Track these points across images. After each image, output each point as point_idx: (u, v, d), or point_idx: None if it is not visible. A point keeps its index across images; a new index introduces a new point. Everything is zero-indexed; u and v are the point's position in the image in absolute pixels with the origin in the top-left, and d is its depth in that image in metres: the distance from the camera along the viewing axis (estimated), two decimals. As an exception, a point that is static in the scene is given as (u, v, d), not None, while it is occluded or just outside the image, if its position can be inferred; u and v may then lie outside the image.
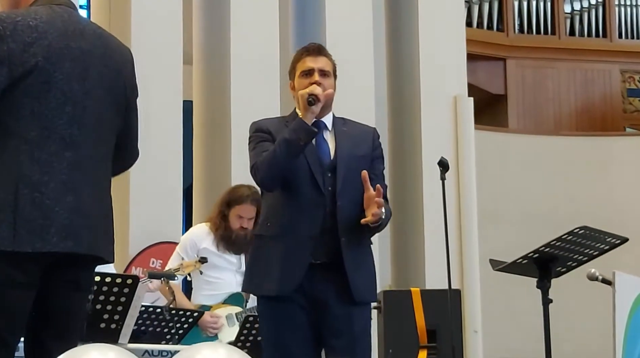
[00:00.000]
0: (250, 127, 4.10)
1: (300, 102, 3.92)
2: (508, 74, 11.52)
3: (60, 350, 2.61)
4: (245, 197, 5.74)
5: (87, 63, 3.09)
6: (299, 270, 3.84)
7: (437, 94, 8.87)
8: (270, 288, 3.86)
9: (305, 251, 3.85)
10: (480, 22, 11.42)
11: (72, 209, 2.98)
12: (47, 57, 3.00)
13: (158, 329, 5.05)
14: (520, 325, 9.19)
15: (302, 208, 3.89)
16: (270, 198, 3.99)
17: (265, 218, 4.00)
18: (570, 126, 11.56)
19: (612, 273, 4.23)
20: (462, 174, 8.76)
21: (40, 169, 2.95)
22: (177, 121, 7.66)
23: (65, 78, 3.02)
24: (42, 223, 2.92)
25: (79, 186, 3.02)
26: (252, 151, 4.00)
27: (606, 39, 11.88)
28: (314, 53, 4.04)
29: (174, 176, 7.59)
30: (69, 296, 3.07)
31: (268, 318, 3.91)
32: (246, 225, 5.72)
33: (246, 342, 5.23)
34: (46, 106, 2.99)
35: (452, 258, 5.43)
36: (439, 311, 5.99)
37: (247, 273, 4.03)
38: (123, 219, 7.36)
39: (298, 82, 4.01)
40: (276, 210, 3.95)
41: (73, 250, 2.98)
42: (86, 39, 3.11)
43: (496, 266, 4.42)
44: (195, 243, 5.74)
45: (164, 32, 7.67)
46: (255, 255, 3.98)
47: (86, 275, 3.16)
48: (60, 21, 3.08)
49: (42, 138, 2.97)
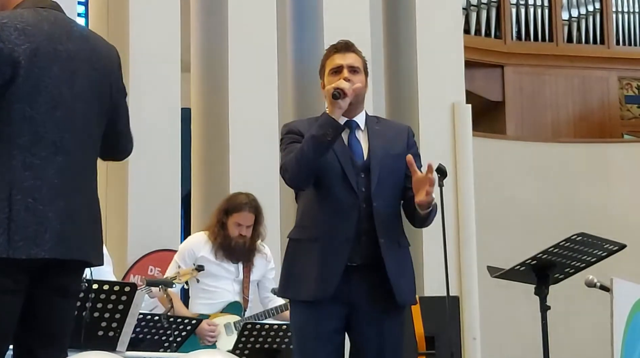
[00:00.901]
0: (281, 129, 4.01)
1: (326, 97, 3.81)
2: (506, 81, 11.53)
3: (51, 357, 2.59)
4: (243, 205, 5.74)
5: (75, 66, 3.06)
6: (336, 273, 3.75)
7: (435, 101, 8.88)
8: (307, 294, 3.76)
9: (341, 254, 3.76)
10: (478, 30, 11.43)
11: (64, 215, 2.96)
12: (35, 61, 2.97)
13: (156, 337, 5.05)
14: (518, 332, 9.19)
15: (336, 210, 3.80)
16: (303, 201, 3.90)
17: (299, 221, 3.90)
18: (568, 133, 11.56)
19: (610, 279, 4.24)
20: (461, 181, 8.77)
21: (32, 174, 2.93)
22: (175, 129, 7.66)
23: (54, 82, 3.00)
24: (36, 229, 2.90)
25: (70, 191, 3.00)
26: (283, 151, 3.91)
27: (604, 45, 11.90)
28: (343, 50, 3.98)
29: (172, 183, 7.59)
30: (57, 304, 3.04)
31: (300, 323, 3.81)
32: (244, 232, 5.72)
33: (244, 350, 5.23)
34: (37, 110, 2.96)
35: (450, 265, 5.42)
36: (437, 318, 5.98)
37: (282, 278, 3.89)
38: (121, 227, 7.36)
39: (327, 81, 3.92)
40: (310, 213, 3.86)
41: (65, 256, 2.96)
42: (73, 42, 3.08)
43: (494, 273, 4.42)
44: (193, 251, 5.74)
45: (161, 40, 7.67)
46: (291, 259, 3.87)
47: (74, 280, 3.13)
48: (46, 24, 3.05)
49: (34, 142, 2.95)
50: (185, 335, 5.17)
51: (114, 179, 7.48)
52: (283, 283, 3.88)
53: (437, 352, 6.14)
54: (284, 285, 3.88)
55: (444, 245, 5.10)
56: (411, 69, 9.00)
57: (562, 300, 5.24)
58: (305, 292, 3.77)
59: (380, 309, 3.80)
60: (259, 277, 5.84)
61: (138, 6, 7.63)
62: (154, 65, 7.54)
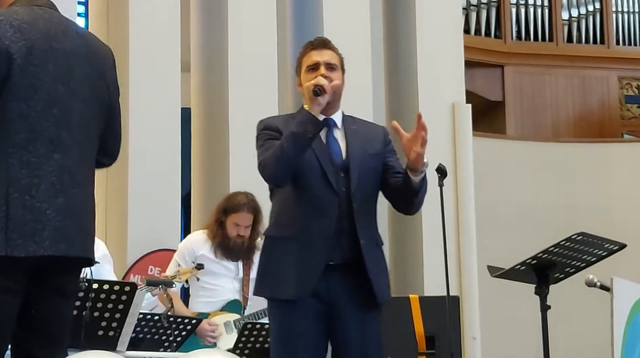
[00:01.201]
0: (257, 125, 3.96)
1: (305, 94, 3.79)
2: (506, 81, 11.53)
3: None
4: (242, 205, 5.74)
5: (70, 64, 3.06)
6: (315, 272, 3.73)
7: (435, 101, 8.88)
8: (286, 292, 3.74)
9: (320, 253, 3.75)
10: (478, 30, 11.43)
11: (63, 212, 2.96)
12: (31, 59, 2.97)
13: (156, 336, 5.05)
14: (518, 332, 9.18)
15: (315, 209, 3.78)
16: (280, 199, 3.87)
17: (276, 219, 3.87)
18: (569, 133, 11.56)
19: (610, 279, 4.24)
20: (461, 181, 8.77)
21: (29, 172, 2.92)
22: (175, 129, 7.66)
23: (51, 80, 3.00)
24: (34, 227, 2.89)
25: (68, 188, 2.99)
26: (260, 148, 3.87)
27: (604, 45, 11.89)
28: (319, 47, 3.95)
29: (172, 183, 7.58)
30: (55, 304, 3.03)
31: (280, 322, 3.79)
32: (243, 232, 5.73)
33: (244, 349, 5.23)
34: (33, 108, 2.96)
35: (450, 265, 5.43)
36: (437, 318, 5.98)
37: (259, 276, 3.88)
38: (121, 227, 7.36)
39: (304, 78, 3.90)
40: (288, 211, 3.83)
41: (66, 253, 2.95)
42: (69, 40, 3.08)
43: (494, 272, 4.43)
44: (193, 250, 5.74)
45: (161, 40, 7.67)
46: (267, 257, 3.86)
47: (73, 279, 3.12)
48: (41, 22, 3.05)
49: (30, 140, 2.95)
50: (185, 334, 5.17)
51: (114, 179, 7.48)
52: (259, 281, 3.86)
53: (437, 351, 6.13)
54: (260, 283, 3.85)
55: (444, 245, 5.11)
56: (411, 69, 9.00)
57: (562, 300, 5.23)
58: (284, 290, 3.75)
59: (361, 307, 3.81)
60: None
61: (138, 6, 7.63)
62: (154, 65, 7.54)
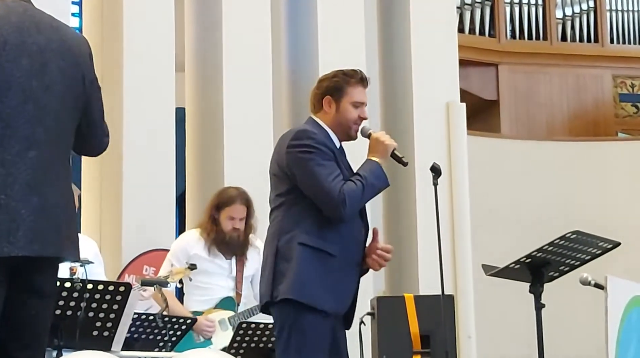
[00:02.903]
0: (303, 133, 4.01)
1: (383, 149, 4.04)
2: (500, 79, 11.53)
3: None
4: (234, 197, 5.74)
5: (45, 58, 3.00)
6: (350, 293, 4.00)
7: (429, 100, 8.88)
8: (327, 305, 3.89)
9: (354, 276, 4.01)
10: (472, 28, 11.42)
11: (38, 211, 2.91)
12: (4, 54, 2.92)
13: (151, 336, 5.05)
14: (513, 330, 9.19)
15: (352, 234, 4.00)
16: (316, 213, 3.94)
17: (310, 229, 3.93)
18: (563, 132, 11.57)
19: (605, 277, 4.24)
20: (455, 180, 8.77)
21: (4, 170, 2.88)
22: (169, 128, 7.65)
23: (24, 75, 2.95)
24: (8, 226, 2.85)
25: (43, 187, 2.94)
26: (320, 167, 3.93)
27: (598, 44, 11.90)
28: (366, 85, 4.14)
29: (167, 183, 7.58)
30: (33, 305, 2.98)
31: (313, 330, 3.88)
32: (238, 225, 5.72)
33: (239, 349, 5.23)
34: (7, 104, 2.91)
35: (445, 264, 5.42)
36: (432, 317, 5.98)
37: (297, 281, 3.89)
38: (116, 227, 7.35)
39: (346, 108, 4.06)
40: (331, 227, 3.94)
41: (39, 253, 2.90)
42: (42, 34, 3.03)
43: (489, 271, 4.43)
44: (186, 249, 5.74)
45: (156, 40, 7.66)
46: (306, 265, 3.90)
47: (49, 279, 3.07)
48: (14, 16, 3.00)
49: (5, 137, 2.90)
50: (180, 334, 5.17)
51: (109, 179, 7.48)
52: (298, 286, 3.89)
53: (432, 350, 6.13)
54: (299, 288, 3.88)
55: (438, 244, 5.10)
56: (405, 68, 9.00)
57: (556, 298, 5.24)
58: (324, 302, 3.89)
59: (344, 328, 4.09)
60: (253, 272, 5.81)
61: (132, 6, 7.62)
62: (149, 65, 7.53)
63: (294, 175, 3.96)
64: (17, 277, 2.94)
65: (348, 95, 4.07)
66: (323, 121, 4.08)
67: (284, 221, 3.98)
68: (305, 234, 3.92)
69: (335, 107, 4.07)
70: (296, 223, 3.95)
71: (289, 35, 8.76)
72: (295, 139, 3.98)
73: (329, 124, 4.06)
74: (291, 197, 3.99)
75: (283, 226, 3.97)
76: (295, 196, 3.98)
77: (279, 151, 4.07)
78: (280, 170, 4.04)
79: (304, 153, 3.94)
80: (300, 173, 3.93)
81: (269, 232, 4.09)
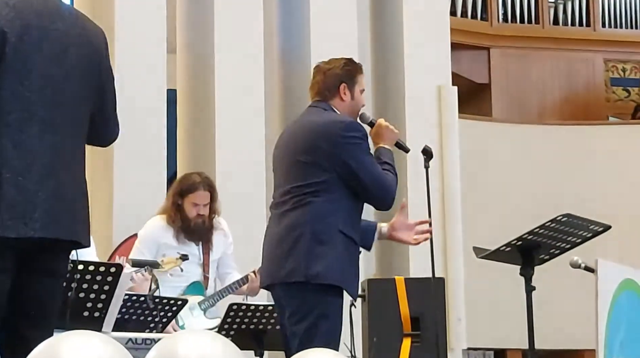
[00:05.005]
0: (353, 125, 4.15)
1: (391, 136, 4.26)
2: (492, 63, 11.53)
3: (37, 338, 2.58)
4: (197, 183, 5.70)
5: (64, 44, 3.05)
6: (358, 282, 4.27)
7: (421, 84, 8.87)
8: (353, 290, 4.11)
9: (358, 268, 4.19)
10: (465, 12, 11.41)
11: (54, 194, 2.95)
12: (26, 38, 2.96)
13: (142, 317, 5.05)
14: (503, 313, 9.22)
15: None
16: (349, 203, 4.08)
17: (351, 220, 4.10)
18: (554, 115, 11.58)
19: (595, 260, 4.25)
20: (446, 163, 8.77)
21: (22, 153, 2.91)
22: (161, 110, 7.64)
23: (44, 60, 2.99)
24: (25, 208, 2.89)
25: (59, 170, 2.98)
26: (371, 157, 4.14)
27: (589, 28, 11.90)
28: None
29: (158, 165, 7.57)
30: (44, 284, 3.03)
31: (339, 313, 4.06)
32: (202, 211, 5.68)
33: (230, 331, 5.23)
34: (27, 88, 2.95)
35: (436, 247, 5.44)
36: (423, 299, 6.00)
37: (337, 268, 4.01)
38: (107, 208, 7.35)
39: (359, 95, 4.27)
40: (357, 218, 4.14)
41: (55, 235, 2.95)
42: (63, 20, 3.07)
43: (480, 253, 4.44)
44: (155, 238, 5.69)
45: (147, 21, 7.63)
46: (346, 253, 4.05)
47: (62, 261, 3.12)
48: (36, 2, 3.04)
49: (23, 120, 2.93)
50: (171, 315, 5.17)
51: (100, 161, 7.46)
52: (339, 272, 4.00)
53: (422, 332, 6.16)
54: (340, 274, 4.01)
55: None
56: (397, 51, 8.99)
57: (547, 281, 5.26)
58: (353, 288, 4.10)
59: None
60: (219, 255, 5.79)
61: (123, -13, 7.59)
62: (140, 46, 7.51)
63: (346, 165, 4.04)
64: (32, 258, 2.98)
65: (359, 83, 4.26)
66: (337, 109, 4.18)
67: (321, 207, 4.03)
68: (345, 223, 4.04)
69: (350, 95, 4.21)
70: (335, 210, 4.04)
71: (281, 16, 8.74)
72: (348, 131, 4.08)
73: (343, 111, 4.18)
74: (329, 185, 4.05)
75: (320, 211, 4.03)
76: (335, 184, 4.05)
77: (320, 140, 4.09)
78: (322, 159, 4.07)
79: (357, 144, 4.07)
80: (356, 163, 4.05)
81: (294, 214, 4.08)
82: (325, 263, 3.96)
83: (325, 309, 3.96)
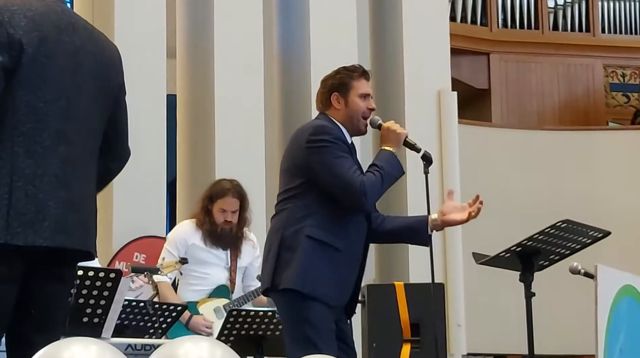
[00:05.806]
0: (320, 128, 4.10)
1: (395, 138, 4.17)
2: (492, 68, 11.53)
3: (43, 343, 2.58)
4: (227, 190, 5.76)
5: (79, 58, 3.08)
6: (350, 288, 4.09)
7: (421, 89, 8.88)
8: (329, 297, 3.98)
9: (354, 271, 4.10)
10: (464, 17, 11.42)
11: (65, 204, 2.97)
12: (43, 49, 2.99)
13: (141, 323, 5.05)
14: (503, 319, 9.22)
15: (357, 231, 4.10)
16: (326, 206, 4.02)
17: (319, 223, 4.01)
18: (554, 121, 11.58)
19: (595, 266, 4.25)
20: (446, 169, 8.78)
21: (34, 162, 2.93)
22: (160, 115, 7.64)
23: (59, 72, 3.02)
24: (34, 217, 2.90)
25: (71, 181, 3.00)
26: (339, 159, 4.02)
27: (589, 33, 11.90)
28: (368, 79, 4.27)
29: (157, 170, 7.57)
30: (52, 290, 3.05)
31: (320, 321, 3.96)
32: (230, 218, 5.74)
33: (230, 336, 5.23)
34: (42, 99, 2.97)
35: (435, 252, 5.43)
36: (422, 305, 6.00)
37: (300, 272, 3.97)
38: (107, 214, 7.34)
39: (354, 101, 4.16)
40: (336, 223, 4.03)
41: (65, 244, 2.97)
42: (78, 34, 3.11)
43: (479, 259, 4.44)
44: (185, 239, 5.75)
45: (147, 26, 7.64)
46: (311, 257, 3.98)
47: (71, 269, 3.15)
48: (54, 15, 3.07)
49: (37, 131, 2.95)
50: (171, 321, 5.17)
51: (99, 166, 7.45)
52: (302, 277, 3.96)
53: (421, 338, 6.16)
54: (303, 279, 3.96)
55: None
56: (397, 56, 9.00)
57: (546, 287, 5.26)
58: (327, 295, 3.98)
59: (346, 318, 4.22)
60: (246, 264, 5.86)
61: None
62: (140, 51, 7.51)
63: (313, 169, 4.02)
64: (40, 267, 2.99)
65: (354, 88, 4.18)
66: (334, 118, 4.16)
67: (293, 213, 4.04)
68: (314, 227, 4.00)
69: (344, 103, 4.16)
70: (306, 215, 4.02)
71: (280, 22, 8.75)
72: (315, 134, 4.05)
73: (340, 120, 4.15)
74: (302, 190, 4.05)
75: (291, 217, 4.03)
76: (307, 190, 4.04)
77: (293, 147, 4.13)
78: (293, 166, 4.10)
79: (323, 147, 4.02)
80: (321, 166, 4.00)
81: (274, 221, 4.14)
82: (290, 270, 3.97)
83: (299, 316, 3.97)
